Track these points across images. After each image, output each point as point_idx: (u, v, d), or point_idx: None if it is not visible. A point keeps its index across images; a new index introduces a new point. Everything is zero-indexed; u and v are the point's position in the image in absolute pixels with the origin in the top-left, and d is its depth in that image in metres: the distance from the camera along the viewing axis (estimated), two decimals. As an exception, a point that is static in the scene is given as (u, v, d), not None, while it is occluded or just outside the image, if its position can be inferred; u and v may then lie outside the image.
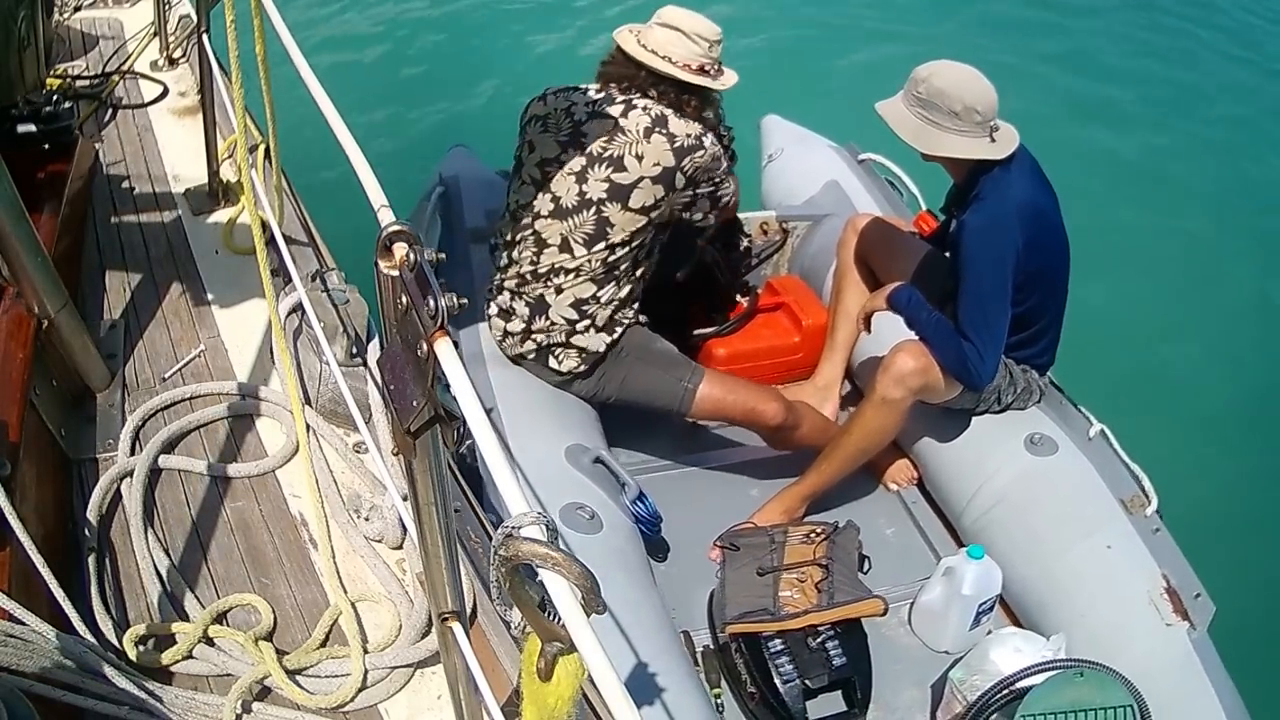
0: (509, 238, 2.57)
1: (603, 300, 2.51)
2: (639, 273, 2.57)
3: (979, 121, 2.40)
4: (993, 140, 2.43)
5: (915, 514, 2.82)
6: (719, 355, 3.02)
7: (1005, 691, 2.09)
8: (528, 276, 2.54)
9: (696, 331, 3.08)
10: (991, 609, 2.46)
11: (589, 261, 2.46)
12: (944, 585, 2.43)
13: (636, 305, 2.63)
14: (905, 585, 2.58)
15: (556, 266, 2.49)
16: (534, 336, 2.56)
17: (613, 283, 2.51)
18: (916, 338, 2.53)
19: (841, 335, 2.98)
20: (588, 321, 2.52)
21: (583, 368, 2.58)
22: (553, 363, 2.57)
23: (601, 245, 2.45)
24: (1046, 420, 2.66)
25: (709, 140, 2.44)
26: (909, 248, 2.91)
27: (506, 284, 2.60)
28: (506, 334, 2.61)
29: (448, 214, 3.08)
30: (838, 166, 3.50)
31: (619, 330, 2.57)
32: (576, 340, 2.54)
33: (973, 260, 2.42)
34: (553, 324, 2.53)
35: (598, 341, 2.55)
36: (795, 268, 3.40)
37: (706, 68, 2.49)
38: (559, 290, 2.51)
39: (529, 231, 2.52)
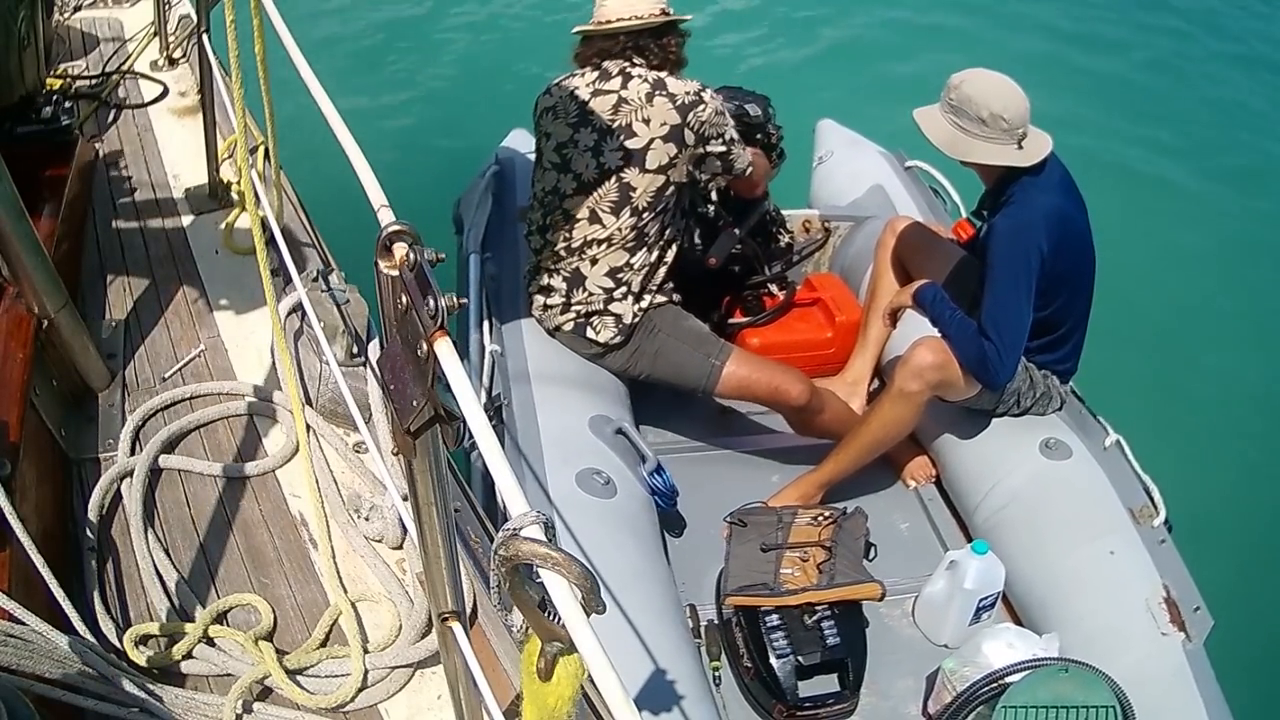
0: (540, 222, 2.72)
1: (636, 267, 2.64)
2: (668, 237, 2.68)
3: (1006, 129, 2.44)
4: (1020, 148, 2.46)
5: (930, 510, 2.86)
6: (753, 345, 3.10)
7: (993, 685, 2.11)
8: (562, 253, 2.67)
9: (731, 321, 3.17)
10: (993, 605, 2.48)
11: (619, 230, 2.59)
12: (947, 579, 2.45)
13: (669, 275, 2.73)
14: (914, 578, 2.61)
15: (589, 239, 2.62)
16: (573, 307, 2.68)
17: (644, 249, 2.63)
18: (938, 334, 2.56)
19: (873, 333, 3.04)
20: (624, 289, 2.65)
21: (618, 338, 2.68)
22: (590, 333, 2.68)
23: (628, 211, 2.58)
24: (1064, 426, 2.70)
25: (708, 95, 2.58)
26: (944, 252, 2.96)
27: (543, 264, 2.73)
28: (546, 307, 2.73)
29: (500, 192, 3.21)
30: (884, 171, 3.58)
31: (651, 299, 2.69)
32: (613, 308, 2.66)
33: (998, 262, 2.47)
34: (590, 294, 2.65)
35: (633, 309, 2.66)
36: (836, 267, 3.49)
37: (666, 10, 2.63)
38: (594, 261, 2.63)
39: (558, 212, 2.66)
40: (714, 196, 3.02)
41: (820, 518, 2.60)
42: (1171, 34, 6.84)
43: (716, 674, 2.39)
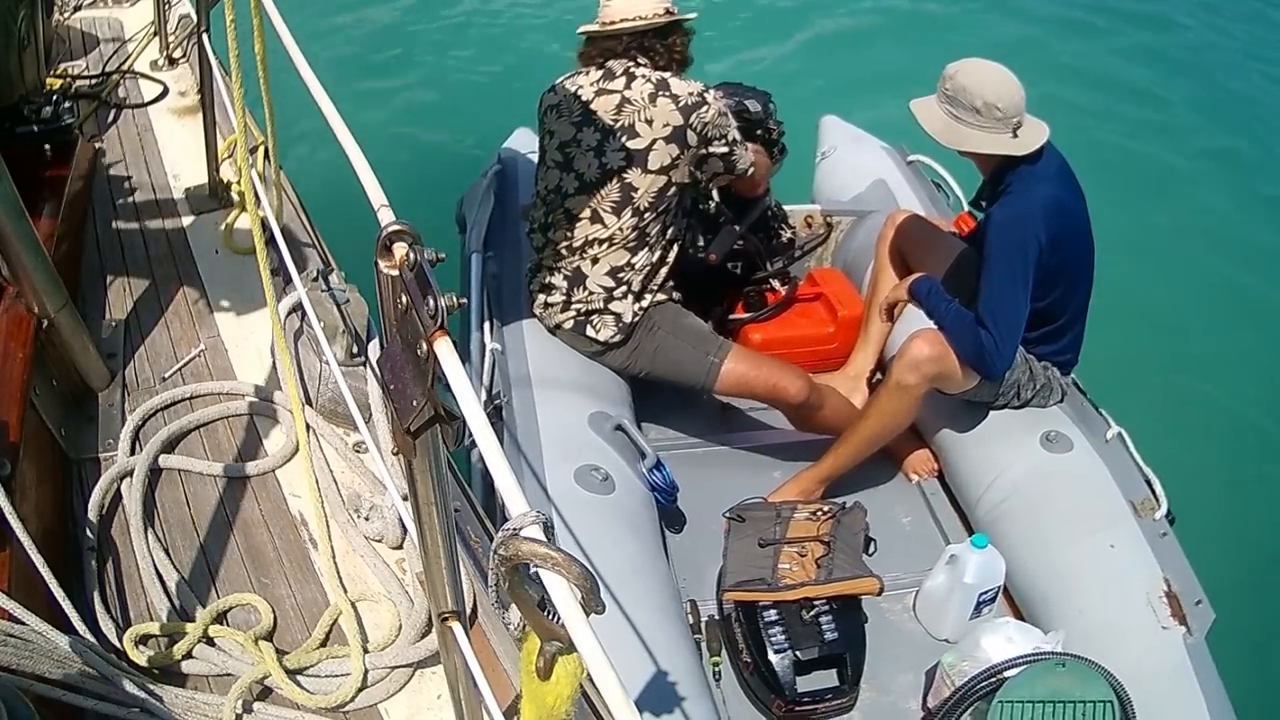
0: (542, 220, 2.74)
1: (637, 266, 2.65)
2: (669, 237, 2.69)
3: (1000, 118, 2.44)
4: (1015, 136, 2.47)
5: (932, 504, 2.86)
6: (755, 340, 3.10)
7: (991, 680, 2.10)
8: (563, 252, 2.67)
9: (733, 316, 3.17)
10: (994, 599, 2.48)
11: (620, 230, 2.60)
12: (947, 573, 2.45)
13: (670, 275, 2.74)
14: (915, 573, 2.61)
15: (590, 238, 2.63)
16: (573, 305, 2.69)
17: (645, 249, 2.64)
18: (936, 327, 2.56)
19: (875, 328, 3.04)
20: (624, 288, 2.66)
21: (618, 337, 2.69)
22: (590, 331, 2.69)
23: (629, 211, 2.58)
24: (1065, 419, 2.69)
25: (710, 96, 2.58)
26: (945, 245, 2.96)
27: (545, 262, 2.74)
28: (546, 305, 2.74)
29: (502, 191, 3.22)
30: (886, 166, 3.59)
31: (652, 298, 2.69)
32: (613, 306, 2.66)
33: (996, 251, 2.48)
34: (590, 293, 2.66)
35: (633, 309, 2.67)
36: (838, 261, 3.49)
37: (670, 9, 2.63)
38: (595, 260, 2.64)
39: (560, 211, 2.67)
40: (715, 195, 3.02)
41: (818, 513, 2.60)
42: (1171, 20, 6.85)
43: (716, 669, 2.39)
